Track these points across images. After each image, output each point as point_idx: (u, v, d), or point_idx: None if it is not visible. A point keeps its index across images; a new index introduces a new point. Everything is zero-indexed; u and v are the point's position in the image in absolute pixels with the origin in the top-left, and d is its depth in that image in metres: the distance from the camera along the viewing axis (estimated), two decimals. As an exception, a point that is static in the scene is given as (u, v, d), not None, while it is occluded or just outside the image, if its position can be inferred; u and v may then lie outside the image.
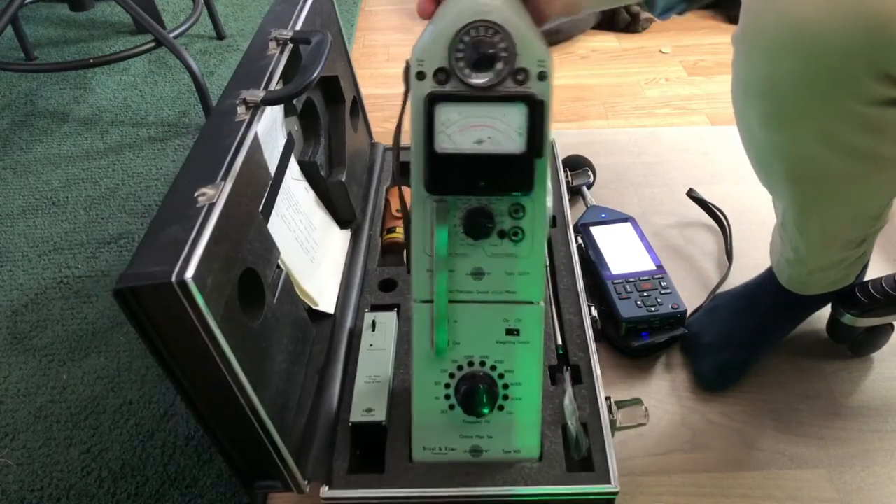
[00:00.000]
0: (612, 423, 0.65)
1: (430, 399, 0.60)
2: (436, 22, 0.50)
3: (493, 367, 0.59)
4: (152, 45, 1.22)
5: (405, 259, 0.62)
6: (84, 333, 0.88)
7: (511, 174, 0.51)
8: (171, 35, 1.23)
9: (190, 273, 0.46)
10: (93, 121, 1.31)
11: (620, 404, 0.66)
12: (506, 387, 0.59)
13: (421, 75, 0.49)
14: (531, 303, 0.57)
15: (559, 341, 0.72)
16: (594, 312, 0.76)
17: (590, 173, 0.99)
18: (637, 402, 0.66)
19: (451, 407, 0.60)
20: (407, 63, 0.50)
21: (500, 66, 0.48)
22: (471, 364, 0.59)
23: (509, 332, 0.57)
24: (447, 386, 0.59)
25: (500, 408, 0.60)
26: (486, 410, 0.59)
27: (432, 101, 0.49)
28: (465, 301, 0.56)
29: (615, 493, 0.60)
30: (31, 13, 1.70)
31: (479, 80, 0.49)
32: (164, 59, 1.49)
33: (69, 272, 0.98)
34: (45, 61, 1.49)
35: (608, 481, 0.60)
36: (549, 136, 0.51)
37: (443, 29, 0.48)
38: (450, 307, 0.56)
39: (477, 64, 0.48)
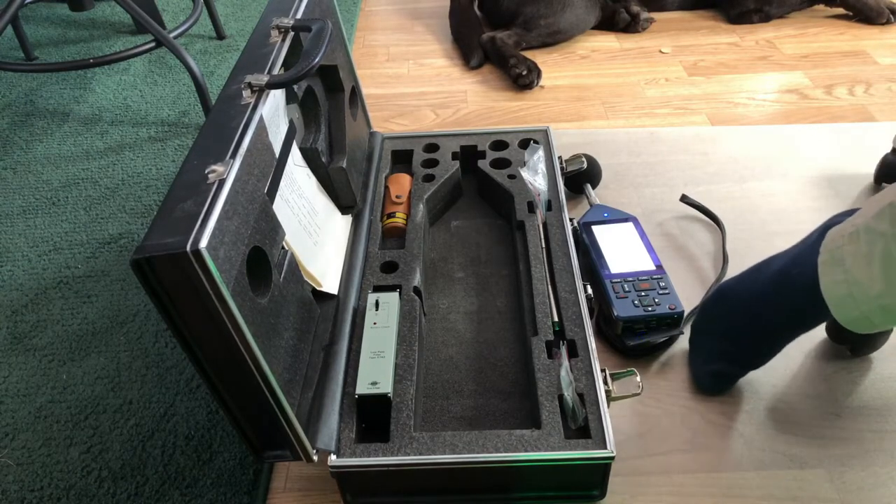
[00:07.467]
0: (608, 393, 0.66)
1: None
2: None
3: None
4: (152, 45, 1.22)
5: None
6: (84, 333, 0.89)
7: None
8: (171, 35, 1.23)
9: (203, 243, 0.47)
10: (93, 121, 1.31)
11: (615, 376, 0.68)
12: None
13: None
14: None
15: (555, 318, 0.74)
16: (589, 291, 0.77)
17: (583, 159, 0.99)
18: (631, 373, 0.69)
19: None
20: None
21: None
22: None
23: None
24: None
25: None
26: None
27: None
28: None
29: (611, 458, 0.62)
30: (31, 13, 1.70)
31: None
32: (164, 59, 1.49)
33: (69, 272, 0.98)
34: (45, 61, 1.49)
35: (604, 447, 0.62)
36: None
37: None
38: None
39: None
